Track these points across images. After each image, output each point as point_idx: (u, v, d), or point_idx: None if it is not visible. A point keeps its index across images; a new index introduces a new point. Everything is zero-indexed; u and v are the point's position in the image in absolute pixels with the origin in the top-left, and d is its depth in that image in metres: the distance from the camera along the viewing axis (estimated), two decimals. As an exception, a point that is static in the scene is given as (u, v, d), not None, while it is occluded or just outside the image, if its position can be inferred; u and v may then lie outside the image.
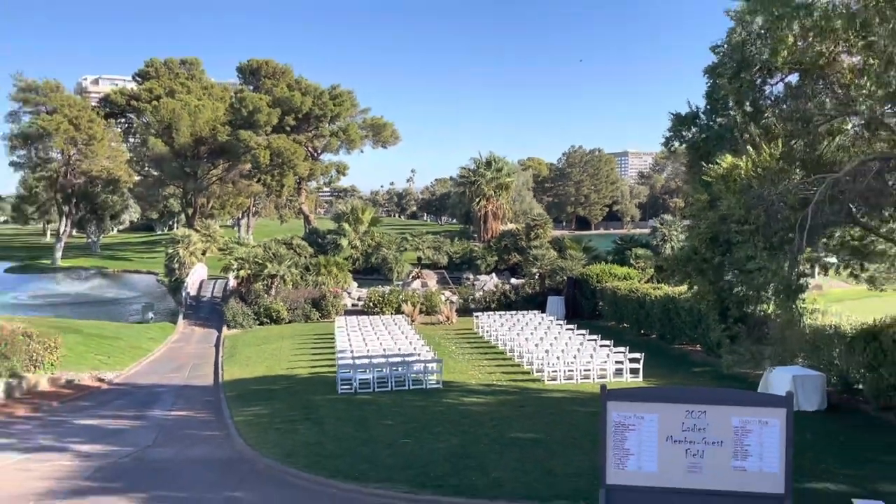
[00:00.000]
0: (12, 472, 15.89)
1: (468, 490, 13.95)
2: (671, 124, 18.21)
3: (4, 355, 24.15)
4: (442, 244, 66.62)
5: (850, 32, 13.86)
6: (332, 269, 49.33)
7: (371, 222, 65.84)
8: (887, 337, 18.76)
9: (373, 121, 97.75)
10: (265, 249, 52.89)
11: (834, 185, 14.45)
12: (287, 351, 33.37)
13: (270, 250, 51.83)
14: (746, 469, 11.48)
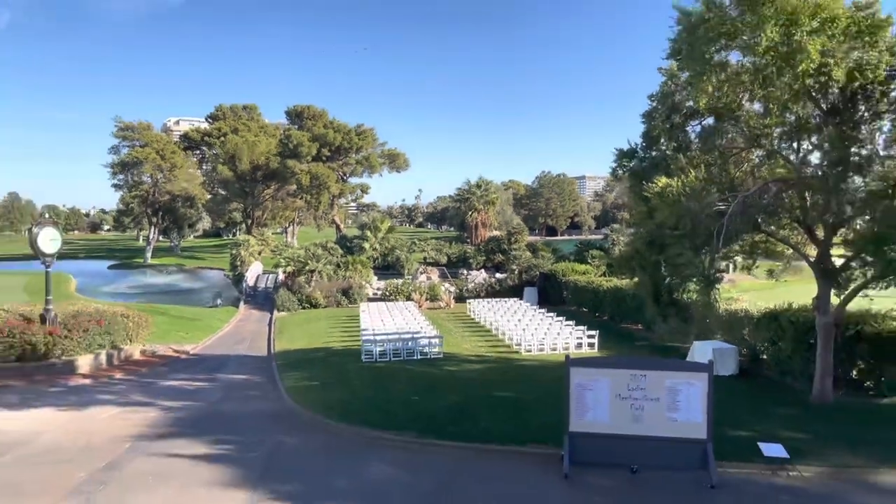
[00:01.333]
0: (113, 421, 16.00)
1: (463, 436, 14.08)
2: (616, 157, 18.29)
3: (107, 331, 24.27)
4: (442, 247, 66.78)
5: (754, 84, 13.93)
6: (357, 266, 49.38)
7: (387, 230, 65.80)
8: (784, 318, 18.94)
9: (389, 151, 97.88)
10: (306, 251, 52.87)
11: (743, 201, 14.52)
12: (323, 329, 33.43)
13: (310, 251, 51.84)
14: (677, 419, 11.60)
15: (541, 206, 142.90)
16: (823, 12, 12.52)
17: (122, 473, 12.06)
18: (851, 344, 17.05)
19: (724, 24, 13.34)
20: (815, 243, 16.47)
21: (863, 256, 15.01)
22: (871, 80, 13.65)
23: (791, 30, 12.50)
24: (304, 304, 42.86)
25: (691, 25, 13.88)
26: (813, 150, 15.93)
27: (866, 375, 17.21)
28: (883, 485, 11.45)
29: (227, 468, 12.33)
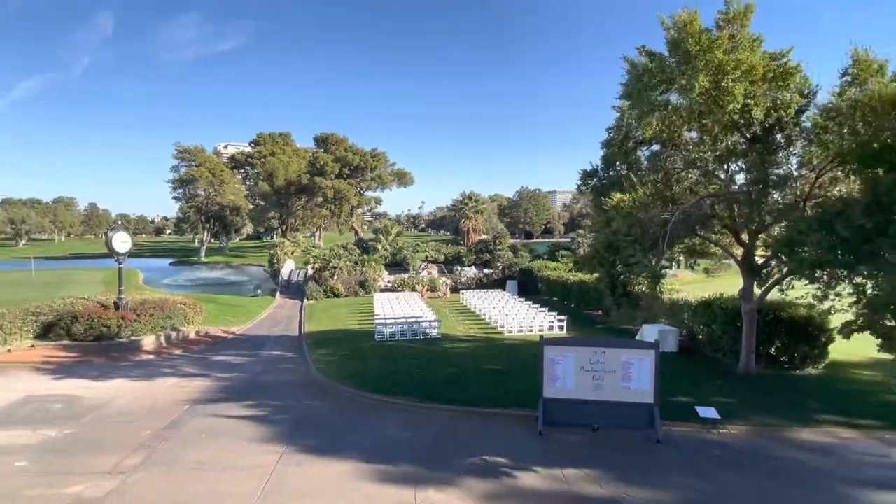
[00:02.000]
0: (173, 389, 15.99)
1: (457, 401, 14.17)
2: (581, 176, 18.47)
3: (169, 316, 24.28)
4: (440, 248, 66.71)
5: (690, 120, 14.07)
6: (371, 263, 49.35)
7: (396, 234, 65.69)
8: (716, 305, 19.10)
9: (398, 170, 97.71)
10: (330, 251, 52.88)
11: (683, 212, 14.64)
12: (343, 314, 33.44)
13: (333, 251, 51.86)
14: (630, 387, 11.73)
15: (520, 214, 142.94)
16: (744, 64, 12.71)
17: (180, 431, 12.12)
18: (770, 326, 17.19)
19: (664, 73, 13.50)
20: (741, 245, 16.61)
21: (779, 256, 15.14)
22: (784, 115, 13.84)
23: (719, 78, 12.68)
24: (328, 294, 42.85)
25: (638, 74, 14.05)
26: (739, 171, 16.09)
27: (782, 352, 17.34)
28: (794, 440, 11.61)
29: (266, 426, 12.40)
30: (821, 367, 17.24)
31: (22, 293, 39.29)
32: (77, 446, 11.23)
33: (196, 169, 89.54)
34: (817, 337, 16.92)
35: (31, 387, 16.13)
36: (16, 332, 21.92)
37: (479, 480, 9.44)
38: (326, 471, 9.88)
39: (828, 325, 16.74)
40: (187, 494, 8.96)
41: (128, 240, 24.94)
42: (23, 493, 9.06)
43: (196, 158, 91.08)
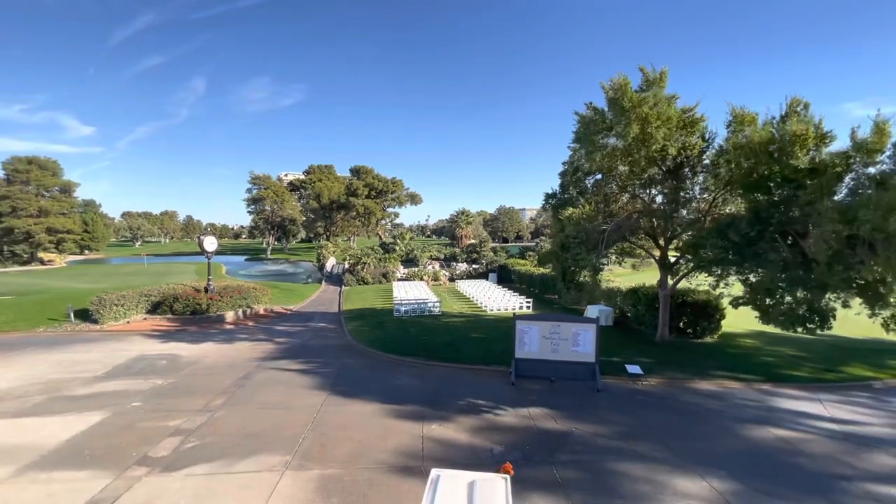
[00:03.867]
0: (247, 350, 15.89)
1: (452, 360, 14.10)
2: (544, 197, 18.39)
3: (244, 297, 24.19)
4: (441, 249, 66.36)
5: (624, 157, 14.05)
6: (391, 260, 49.20)
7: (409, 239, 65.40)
8: (641, 291, 19.02)
9: (411, 193, 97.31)
10: (361, 251, 52.72)
11: (616, 224, 14.63)
12: (370, 297, 33.36)
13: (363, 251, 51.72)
14: (578, 351, 11.70)
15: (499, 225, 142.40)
16: (664, 115, 12.69)
17: (251, 381, 12.09)
18: (680, 308, 17.17)
19: (604, 123, 13.49)
20: (659, 248, 16.59)
21: (686, 256, 15.16)
22: (691, 154, 13.85)
23: (645, 126, 12.65)
24: (359, 282, 42.69)
25: (585, 123, 14.03)
26: (657, 194, 16.08)
27: (688, 326, 17.31)
28: (696, 389, 11.60)
29: (313, 377, 12.37)
30: (716, 336, 17.23)
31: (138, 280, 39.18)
32: (177, 391, 11.21)
33: (264, 191, 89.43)
34: (713, 315, 16.92)
35: (143, 348, 16.09)
36: (133, 308, 21.86)
37: (469, 417, 9.44)
38: (357, 410, 9.87)
39: (721, 307, 16.77)
40: (257, 426, 8.95)
41: (214, 242, 24.87)
42: (138, 424, 9.05)
43: (264, 183, 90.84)
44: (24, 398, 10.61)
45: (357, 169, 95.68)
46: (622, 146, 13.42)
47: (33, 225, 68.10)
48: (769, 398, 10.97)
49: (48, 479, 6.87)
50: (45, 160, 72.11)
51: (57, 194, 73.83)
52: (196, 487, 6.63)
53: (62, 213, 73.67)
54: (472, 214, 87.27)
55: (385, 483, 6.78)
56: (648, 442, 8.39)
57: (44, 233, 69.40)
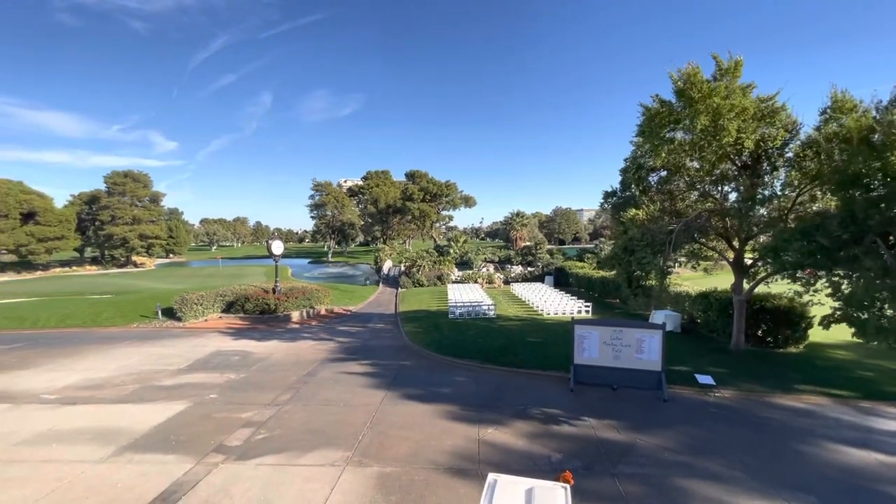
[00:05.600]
0: (310, 348, 16.69)
1: (507, 363, 13.93)
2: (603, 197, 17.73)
3: (308, 298, 25.48)
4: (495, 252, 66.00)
5: (692, 151, 13.20)
6: (446, 263, 49.64)
7: (463, 242, 65.62)
8: (712, 296, 17.77)
9: (465, 196, 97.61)
10: (416, 253, 53.77)
11: (685, 224, 13.77)
12: (426, 299, 33.84)
13: (419, 254, 52.71)
14: (642, 358, 11.12)
15: (555, 227, 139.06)
16: (738, 107, 11.78)
17: (315, 378, 12.68)
18: (758, 314, 15.80)
19: (671, 115, 12.73)
20: (733, 250, 15.38)
21: (765, 259, 13.92)
22: (770, 146, 12.72)
23: (716, 117, 11.81)
24: (415, 284, 43.52)
25: (650, 116, 13.31)
26: (731, 191, 14.94)
27: (767, 334, 15.87)
28: (778, 404, 10.60)
29: (372, 377, 12.73)
30: (801, 346, 15.63)
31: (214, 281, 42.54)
32: (248, 386, 12.01)
33: (325, 197, 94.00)
34: (798, 322, 15.36)
35: (219, 344, 17.42)
36: (210, 307, 23.77)
37: (525, 422, 9.28)
38: (414, 409, 10.03)
39: (808, 314, 15.20)
40: (320, 421, 9.37)
41: (281, 246, 26.45)
42: (214, 415, 9.80)
43: (325, 189, 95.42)
44: (120, 387, 11.88)
45: (412, 173, 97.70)
46: (690, 140, 12.61)
47: (128, 232, 76.25)
48: (869, 418, 9.76)
49: (141, 461, 7.63)
50: (138, 173, 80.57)
51: (147, 204, 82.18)
52: (265, 477, 7.06)
53: (152, 221, 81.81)
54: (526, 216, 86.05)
55: (441, 484, 6.83)
56: (722, 459, 7.78)
57: (137, 238, 77.48)
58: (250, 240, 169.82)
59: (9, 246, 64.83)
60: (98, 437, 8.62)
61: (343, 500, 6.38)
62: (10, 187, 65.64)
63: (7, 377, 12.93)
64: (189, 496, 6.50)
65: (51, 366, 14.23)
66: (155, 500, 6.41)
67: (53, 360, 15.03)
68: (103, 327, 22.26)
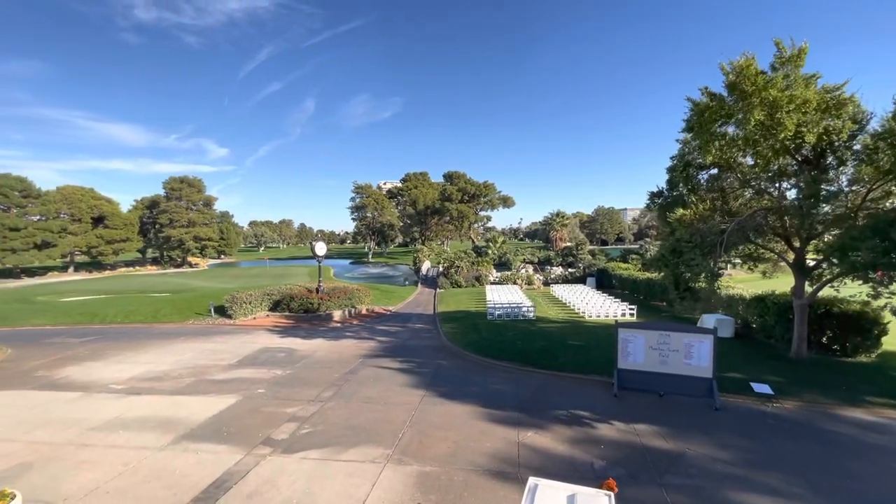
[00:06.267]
0: (351, 347, 17.06)
1: (548, 366, 13.68)
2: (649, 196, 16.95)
3: (349, 297, 26.12)
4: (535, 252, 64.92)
5: (746, 147, 12.44)
6: (484, 263, 49.38)
7: (501, 242, 65.06)
8: (769, 300, 16.63)
9: (503, 196, 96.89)
10: (454, 254, 53.88)
11: (737, 223, 13.01)
12: (464, 299, 33.81)
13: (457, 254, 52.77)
14: (691, 364, 10.62)
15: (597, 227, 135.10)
16: (799, 99, 10.98)
17: (356, 375, 12.98)
18: (822, 319, 14.64)
19: (722, 109, 12.05)
20: (793, 250, 14.34)
21: (831, 259, 12.89)
22: (836, 139, 11.78)
23: (773, 111, 11.07)
24: (453, 285, 43.50)
25: (699, 110, 12.65)
26: (790, 188, 13.96)
27: (833, 341, 14.65)
28: (846, 417, 9.78)
29: (411, 376, 12.89)
30: (873, 355, 14.34)
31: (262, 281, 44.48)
32: (293, 382, 12.47)
33: (366, 199, 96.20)
34: (870, 329, 14.05)
35: (266, 341, 18.21)
36: (258, 306, 24.87)
37: (566, 427, 9.08)
38: (453, 410, 10.06)
39: (882, 319, 13.92)
40: (362, 418, 9.59)
41: (324, 247, 27.28)
42: (262, 409, 10.25)
43: (366, 192, 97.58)
44: (178, 379, 12.66)
45: (450, 174, 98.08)
46: (743, 135, 11.88)
47: (184, 234, 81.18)
48: (954, 436, 8.84)
49: (196, 450, 8.10)
50: (193, 179, 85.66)
51: (201, 207, 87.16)
52: (309, 470, 7.30)
53: (205, 224, 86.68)
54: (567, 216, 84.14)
55: (481, 486, 6.81)
56: (781, 474, 7.28)
57: (191, 240, 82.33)
58: (295, 241, 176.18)
59: (82, 247, 70.74)
60: (159, 425, 9.24)
61: (383, 497, 6.49)
62: (83, 194, 71.69)
63: (81, 368, 14.11)
64: (240, 485, 6.83)
65: (118, 358, 15.39)
66: (209, 487, 6.78)
67: (120, 353, 16.24)
68: (162, 323, 23.83)
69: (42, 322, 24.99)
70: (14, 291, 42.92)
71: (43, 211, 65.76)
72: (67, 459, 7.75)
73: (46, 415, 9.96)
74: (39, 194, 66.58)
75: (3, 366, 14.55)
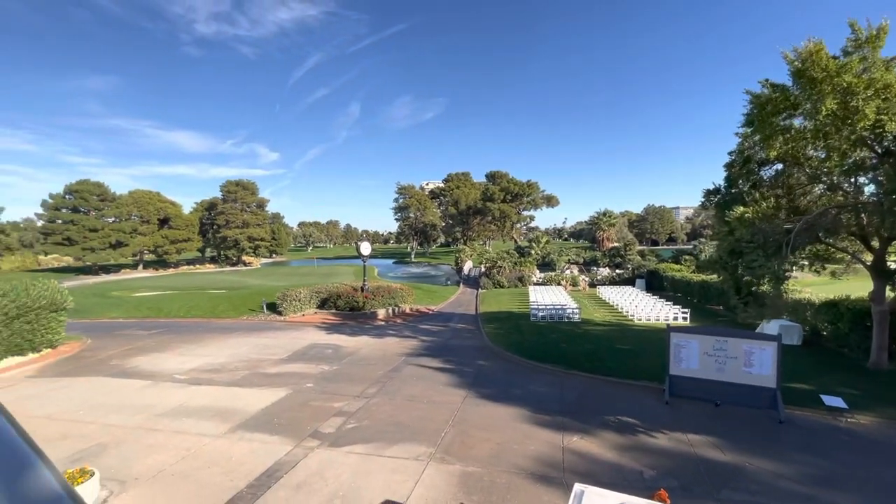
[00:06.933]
0: (394, 345, 17.36)
1: (593, 370, 13.30)
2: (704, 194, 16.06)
3: (393, 297, 26.59)
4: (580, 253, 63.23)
5: (816, 140, 11.50)
6: (526, 264, 48.72)
7: (545, 242, 63.88)
8: (843, 305, 15.30)
9: (547, 195, 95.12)
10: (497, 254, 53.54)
11: (805, 222, 12.06)
12: (506, 300, 33.54)
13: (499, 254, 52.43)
14: (752, 372, 9.99)
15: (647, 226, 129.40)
16: (878, 83, 10.01)
17: (400, 373, 13.20)
18: (905, 327, 13.31)
19: (787, 100, 11.21)
20: (871, 251, 13.12)
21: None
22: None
23: (847, 98, 10.16)
24: (495, 285, 43.29)
25: (761, 103, 11.83)
26: (868, 182, 12.75)
27: (920, 352, 13.29)
28: (936, 437, 8.81)
29: (453, 376, 12.93)
30: (970, 369, 12.85)
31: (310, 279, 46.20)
32: (339, 377, 12.87)
33: (408, 199, 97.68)
34: (965, 340, 12.67)
35: (314, 337, 18.90)
36: (307, 303, 25.87)
37: (614, 434, 8.78)
38: (495, 411, 10.00)
39: (979, 330, 12.47)
40: (405, 416, 9.74)
41: (368, 247, 27.96)
42: (310, 403, 10.65)
43: (408, 192, 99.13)
44: (233, 372, 13.41)
45: (492, 174, 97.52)
46: (812, 127, 10.99)
47: (239, 234, 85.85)
48: None
49: (251, 439, 8.54)
50: (247, 182, 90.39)
51: (255, 209, 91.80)
52: (355, 464, 7.50)
53: (258, 225, 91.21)
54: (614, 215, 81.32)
55: (524, 489, 6.72)
56: (856, 495, 6.67)
57: (246, 240, 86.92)
58: (341, 241, 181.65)
59: (149, 247, 76.62)
60: (217, 414, 9.82)
61: (427, 495, 6.56)
62: (150, 197, 77.62)
63: (148, 358, 15.27)
64: (290, 475, 7.14)
65: (180, 350, 16.52)
66: (262, 475, 7.13)
67: (182, 345, 17.43)
68: (219, 318, 25.33)
69: (116, 315, 27.29)
70: (93, 287, 47.14)
71: (117, 213, 71.87)
72: (137, 442, 8.42)
73: (120, 400, 10.86)
74: (114, 198, 72.87)
75: (84, 354, 16.02)
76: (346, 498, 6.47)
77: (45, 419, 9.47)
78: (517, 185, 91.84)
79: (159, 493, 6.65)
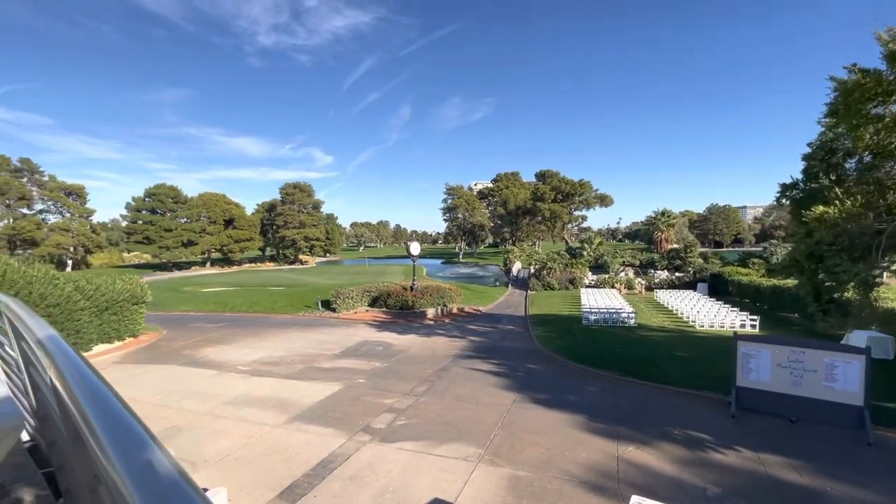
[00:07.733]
0: (443, 344, 17.50)
1: (650, 378, 12.70)
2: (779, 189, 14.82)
3: (441, 296, 26.81)
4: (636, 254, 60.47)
5: (915, 128, 10.28)
6: (578, 266, 47.31)
7: (598, 244, 61.72)
8: (945, 317, 13.56)
9: (600, 194, 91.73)
10: (547, 255, 52.40)
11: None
12: (556, 303, 32.76)
13: (549, 256, 51.27)
14: (834, 388, 9.14)
15: (709, 227, 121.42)
16: None
17: (448, 373, 13.28)
18: None
19: (879, 86, 10.09)
20: (983, 256, 11.52)
21: None
22: None
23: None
24: (545, 287, 42.36)
25: (847, 90, 10.73)
26: (981, 177, 11.23)
27: None
28: None
29: (502, 378, 12.82)
30: None
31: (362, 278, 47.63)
32: (390, 374, 13.15)
33: (457, 200, 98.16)
34: None
35: (365, 334, 19.45)
36: (359, 301, 26.69)
37: (675, 446, 8.32)
38: (545, 416, 9.80)
39: None
40: (454, 416, 9.78)
41: (418, 247, 28.39)
42: (362, 398, 10.97)
43: (457, 193, 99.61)
44: (291, 365, 14.09)
45: (542, 173, 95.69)
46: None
47: (296, 234, 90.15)
48: None
49: (307, 430, 8.94)
50: (304, 185, 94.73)
51: (310, 210, 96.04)
52: (405, 461, 7.63)
53: (313, 225, 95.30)
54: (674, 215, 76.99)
55: (576, 497, 6.54)
56: (966, 533, 5.88)
57: (302, 240, 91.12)
58: (391, 241, 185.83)
59: (216, 246, 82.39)
60: (276, 405, 10.37)
61: (475, 496, 6.55)
62: (217, 199, 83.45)
63: (216, 350, 16.40)
64: (343, 467, 7.39)
65: (243, 342, 17.61)
66: (317, 465, 7.44)
67: (245, 338, 18.56)
68: (278, 314, 26.73)
69: (187, 308, 29.57)
70: (167, 282, 51.41)
71: (188, 214, 77.97)
72: (207, 427, 9.06)
73: (192, 387, 11.75)
74: (186, 200, 79.09)
75: (160, 344, 17.49)
76: (396, 493, 6.60)
77: (129, 401, 10.42)
78: (568, 185, 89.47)
79: (226, 475, 7.12)
